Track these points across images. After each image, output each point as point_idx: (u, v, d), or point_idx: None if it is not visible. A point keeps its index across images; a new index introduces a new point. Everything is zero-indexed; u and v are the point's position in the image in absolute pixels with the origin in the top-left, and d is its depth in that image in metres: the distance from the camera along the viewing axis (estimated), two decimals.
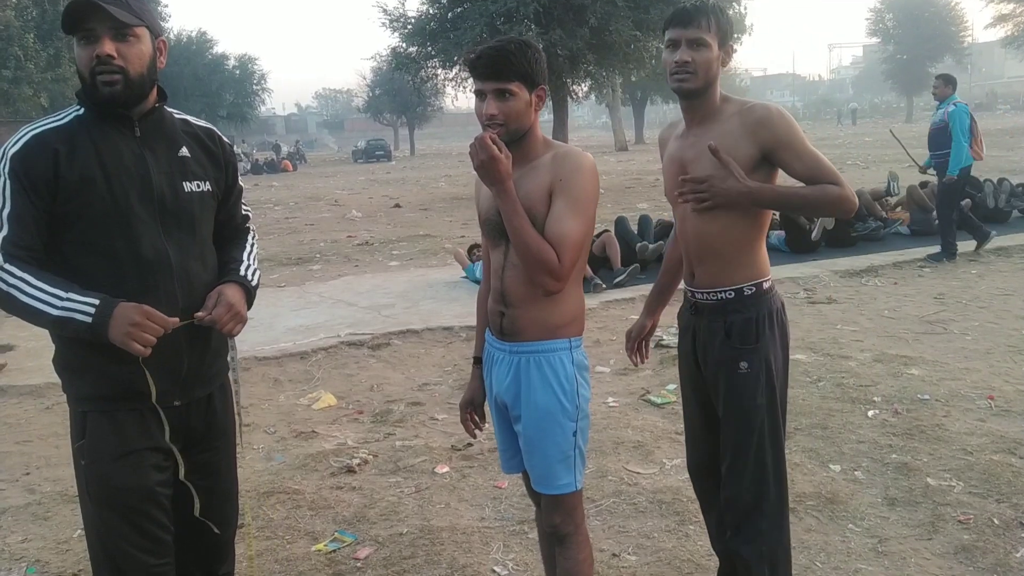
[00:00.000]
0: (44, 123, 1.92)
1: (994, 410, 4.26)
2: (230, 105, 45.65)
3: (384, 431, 4.45)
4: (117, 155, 1.90)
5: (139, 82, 1.88)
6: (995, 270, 7.92)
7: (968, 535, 3.03)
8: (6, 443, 4.48)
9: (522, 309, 2.14)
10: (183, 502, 2.08)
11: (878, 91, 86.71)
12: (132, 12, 1.86)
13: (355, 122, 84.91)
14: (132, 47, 1.86)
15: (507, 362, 2.19)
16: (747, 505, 2.25)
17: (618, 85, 32.50)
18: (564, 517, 2.20)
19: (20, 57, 23.87)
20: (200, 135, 2.10)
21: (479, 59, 2.02)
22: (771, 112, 2.16)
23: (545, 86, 2.10)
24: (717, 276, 2.26)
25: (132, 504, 1.93)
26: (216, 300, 1.99)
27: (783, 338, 2.29)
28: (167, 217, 1.95)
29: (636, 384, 5.01)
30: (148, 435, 1.96)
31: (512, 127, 2.05)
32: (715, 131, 2.19)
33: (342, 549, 3.16)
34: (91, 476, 1.94)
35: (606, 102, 39.54)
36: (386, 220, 15.09)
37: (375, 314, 7.12)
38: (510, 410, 2.23)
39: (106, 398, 1.93)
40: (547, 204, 2.05)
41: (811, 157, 2.15)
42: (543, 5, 17.01)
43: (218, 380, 2.14)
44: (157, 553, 1.97)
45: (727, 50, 2.22)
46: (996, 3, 44.29)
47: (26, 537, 3.38)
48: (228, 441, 2.20)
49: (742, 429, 2.24)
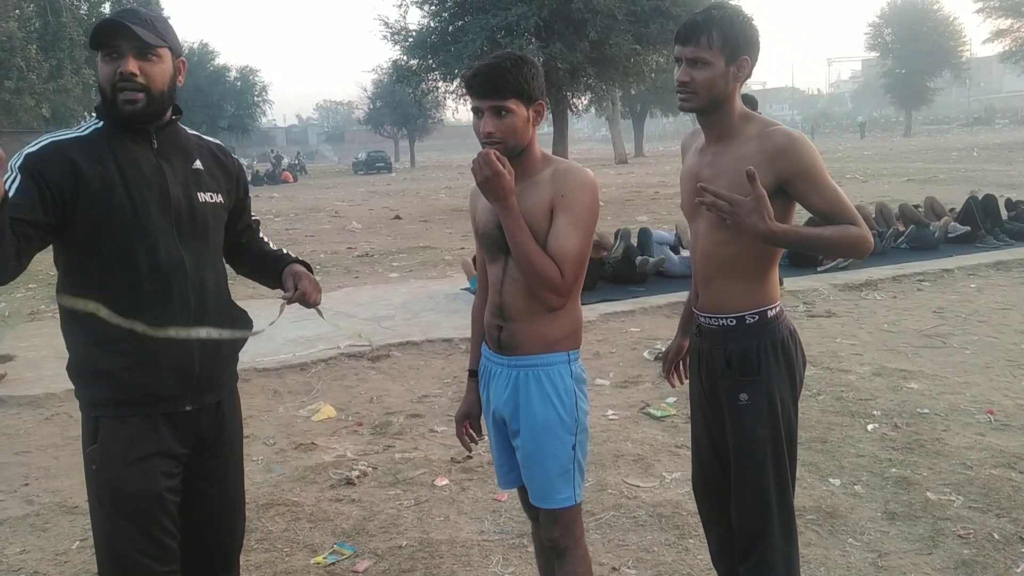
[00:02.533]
0: (65, 133, 1.99)
1: (994, 424, 4.26)
2: (231, 116, 45.81)
3: (383, 443, 4.45)
4: (136, 165, 1.97)
5: (159, 100, 1.96)
6: (994, 284, 7.93)
7: (968, 550, 3.03)
8: (5, 454, 4.48)
9: (521, 323, 2.14)
10: (190, 509, 2.11)
11: (877, 105, 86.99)
12: (157, 33, 1.94)
13: (356, 134, 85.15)
14: (155, 66, 1.93)
15: (505, 376, 2.19)
16: (752, 535, 2.20)
17: (618, 98, 32.65)
18: (563, 531, 2.19)
19: (23, 68, 23.91)
20: (213, 149, 2.19)
21: (475, 77, 2.04)
22: (792, 140, 2.04)
23: (543, 101, 2.10)
24: (720, 302, 2.19)
25: (141, 509, 1.95)
26: (294, 280, 2.17)
27: (790, 367, 2.18)
28: (183, 226, 2.02)
29: (636, 397, 5.01)
30: (159, 440, 1.99)
31: (510, 144, 2.06)
32: (732, 152, 2.10)
33: (341, 562, 3.16)
34: (101, 481, 1.97)
35: (606, 115, 39.66)
36: (386, 232, 15.11)
37: (375, 325, 7.13)
38: (508, 424, 2.23)
39: (119, 403, 1.97)
40: (548, 219, 2.06)
41: (831, 192, 2.04)
42: (544, 19, 17.10)
43: (228, 387, 2.19)
44: (163, 560, 1.98)
45: (739, 64, 2.06)
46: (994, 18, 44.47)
47: (24, 548, 3.37)
48: (236, 449, 2.22)
49: (744, 460, 2.19)
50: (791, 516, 2.22)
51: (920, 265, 8.71)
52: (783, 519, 2.19)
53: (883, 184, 19.20)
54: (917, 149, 36.18)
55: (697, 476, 2.45)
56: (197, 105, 42.07)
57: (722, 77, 2.06)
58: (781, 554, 2.18)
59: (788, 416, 2.19)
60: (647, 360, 5.79)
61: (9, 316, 8.33)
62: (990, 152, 30.27)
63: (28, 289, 9.51)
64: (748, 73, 2.10)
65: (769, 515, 2.17)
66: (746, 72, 2.09)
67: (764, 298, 2.17)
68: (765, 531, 2.17)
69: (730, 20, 2.05)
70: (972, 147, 34.41)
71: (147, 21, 1.93)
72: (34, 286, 9.54)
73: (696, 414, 2.40)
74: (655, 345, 6.10)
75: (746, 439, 2.17)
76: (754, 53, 2.09)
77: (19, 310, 8.58)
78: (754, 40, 2.08)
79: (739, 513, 2.22)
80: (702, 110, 2.12)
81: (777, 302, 2.20)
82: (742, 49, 2.06)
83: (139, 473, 1.95)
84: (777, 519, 2.18)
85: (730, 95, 2.09)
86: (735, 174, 2.05)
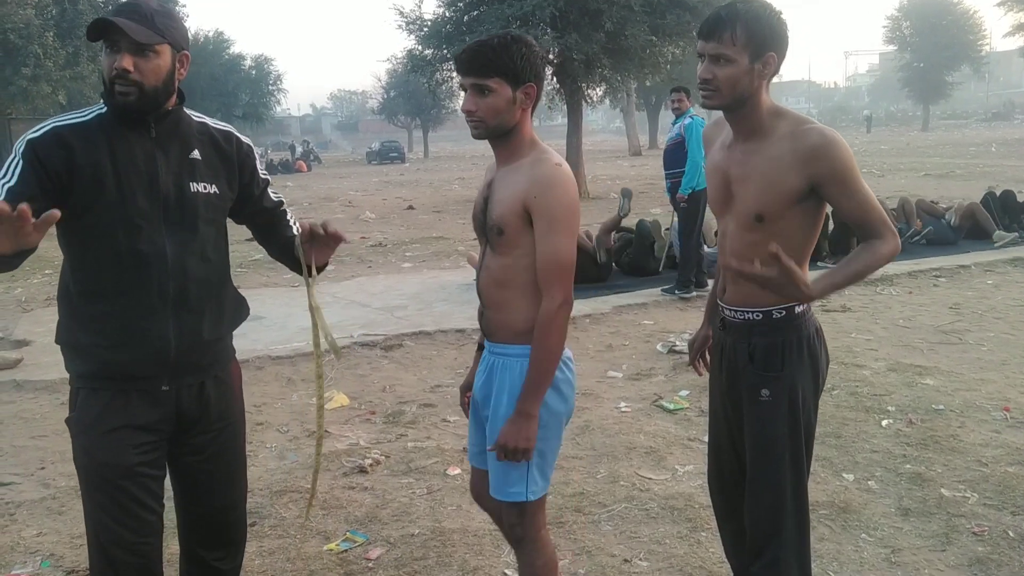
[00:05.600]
0: (67, 119, 2.01)
1: (1009, 421, 4.23)
2: (246, 105, 45.79)
3: (396, 432, 4.46)
4: (130, 154, 1.98)
5: (153, 95, 1.96)
6: (1011, 281, 7.86)
7: (982, 547, 3.01)
8: (22, 437, 4.52)
9: (493, 311, 2.17)
10: (183, 485, 2.18)
11: (894, 99, 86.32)
12: (155, 29, 1.92)
13: (369, 124, 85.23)
14: (150, 62, 1.93)
15: (486, 360, 2.24)
16: (766, 532, 2.17)
17: (633, 90, 32.52)
18: (519, 521, 2.18)
19: (40, 55, 24.04)
20: (217, 137, 2.16)
21: (462, 54, 2.04)
22: (827, 141, 1.96)
23: (534, 84, 2.04)
24: (748, 296, 2.13)
25: (111, 479, 1.99)
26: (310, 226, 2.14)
27: (815, 365, 2.14)
28: (170, 215, 2.02)
29: (648, 390, 5.00)
30: (132, 415, 2.02)
31: (491, 123, 2.04)
32: (763, 152, 2.04)
33: (354, 549, 3.17)
34: (76, 448, 2.05)
35: (620, 106, 39.54)
36: (399, 222, 15.14)
37: (388, 315, 7.14)
38: (480, 409, 2.26)
39: (96, 376, 2.03)
40: (520, 217, 2.03)
41: (863, 197, 1.98)
42: (559, 9, 17.01)
43: (213, 370, 2.17)
44: (137, 531, 2.02)
45: (765, 61, 1.98)
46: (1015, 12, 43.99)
47: (41, 531, 3.40)
48: (228, 427, 2.22)
49: (761, 457, 2.16)
50: (806, 515, 2.20)
51: (936, 261, 8.65)
52: (798, 517, 2.17)
53: (900, 179, 19.05)
54: (935, 144, 35.88)
55: (713, 471, 2.43)
56: (212, 93, 42.15)
57: (746, 74, 1.98)
58: (795, 552, 2.17)
59: (808, 414, 2.15)
60: (660, 353, 5.78)
61: (26, 301, 8.39)
62: (1009, 148, 29.97)
63: (44, 275, 9.58)
64: (775, 70, 2.01)
65: (784, 513, 2.15)
66: (772, 69, 2.00)
67: None
68: (780, 529, 2.15)
69: (755, 15, 1.97)
70: (991, 142, 34.09)
71: (148, 16, 1.91)
72: (50, 272, 9.59)
73: (715, 408, 2.38)
74: (668, 338, 6.09)
75: (765, 436, 2.14)
76: (781, 49, 2.01)
77: (34, 296, 8.65)
78: (781, 35, 2.00)
79: (754, 510, 2.20)
80: (726, 107, 2.06)
81: None
82: (768, 45, 1.98)
83: (108, 443, 2.00)
84: (792, 517, 2.16)
85: (756, 92, 2.02)
86: (765, 176, 2.02)
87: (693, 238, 7.45)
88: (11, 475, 4.01)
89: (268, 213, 2.31)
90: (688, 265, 7.46)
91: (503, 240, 2.08)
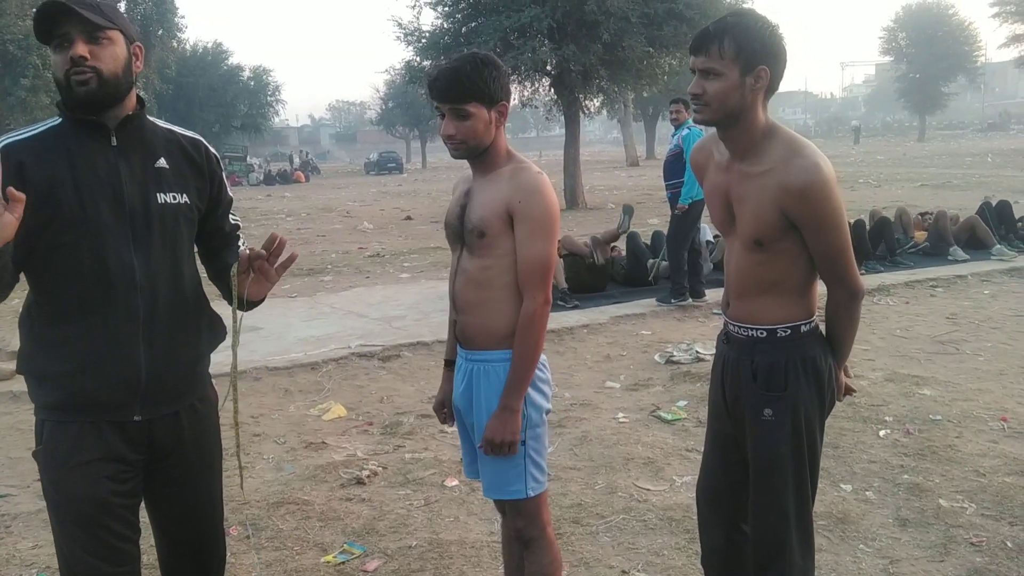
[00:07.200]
0: (18, 134, 1.92)
1: (1007, 431, 4.23)
2: (244, 116, 45.94)
3: (394, 443, 4.46)
4: (90, 163, 1.88)
5: (113, 82, 1.87)
6: (1008, 291, 7.88)
7: (980, 557, 3.01)
8: (18, 449, 4.50)
9: (470, 316, 2.23)
10: (157, 514, 2.11)
11: (890, 110, 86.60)
12: (104, 16, 1.87)
13: (367, 134, 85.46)
14: (105, 49, 1.86)
15: (464, 369, 2.29)
16: (770, 551, 2.16)
17: (630, 101, 32.60)
18: (527, 521, 2.25)
19: (39, 66, 24.05)
20: (184, 145, 2.06)
21: (436, 80, 2.10)
22: (811, 184, 1.93)
23: (506, 102, 2.15)
24: (753, 313, 2.12)
25: (84, 512, 1.90)
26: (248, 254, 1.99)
27: (819, 385, 2.11)
28: (138, 228, 1.92)
29: (646, 400, 5.00)
30: (104, 446, 1.92)
31: (472, 144, 2.14)
32: (754, 179, 2.02)
33: (351, 561, 3.16)
34: (45, 482, 1.95)
35: (618, 117, 39.64)
36: (397, 232, 15.14)
37: (386, 326, 7.14)
38: (463, 417, 2.31)
39: (62, 408, 1.92)
40: (503, 220, 2.12)
41: (837, 245, 2.00)
42: (557, 21, 17.07)
43: (187, 399, 2.06)
44: (113, 561, 1.93)
45: (757, 74, 1.94)
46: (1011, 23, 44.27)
47: (37, 543, 3.39)
48: (204, 455, 2.13)
49: (764, 476, 2.14)
50: (810, 533, 2.18)
51: (933, 271, 8.66)
52: (802, 536, 2.15)
53: (897, 189, 19.11)
54: (931, 154, 35.97)
55: (702, 483, 2.41)
56: (211, 104, 42.27)
57: (736, 89, 1.95)
58: (799, 570, 2.15)
59: (813, 435, 2.12)
60: (658, 363, 5.78)
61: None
62: (1005, 158, 30.06)
63: None
64: (767, 84, 1.97)
65: (788, 532, 2.13)
66: (765, 83, 1.97)
67: (800, 312, 2.10)
68: (784, 548, 2.13)
69: (744, 28, 1.94)
70: (987, 152, 34.19)
71: (94, 6, 1.84)
72: None
73: (711, 422, 2.36)
74: (666, 348, 6.09)
75: (768, 456, 2.12)
76: (774, 62, 1.97)
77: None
78: (773, 48, 1.96)
79: (758, 528, 2.18)
80: (717, 123, 2.04)
81: (813, 317, 2.13)
82: (759, 58, 1.94)
83: (81, 477, 1.90)
84: (796, 536, 2.14)
85: (750, 107, 1.98)
86: (758, 204, 2.02)
87: (684, 246, 7.46)
88: (7, 487, 4.00)
89: (224, 235, 2.17)
90: (679, 273, 7.47)
91: (484, 243, 2.16)
